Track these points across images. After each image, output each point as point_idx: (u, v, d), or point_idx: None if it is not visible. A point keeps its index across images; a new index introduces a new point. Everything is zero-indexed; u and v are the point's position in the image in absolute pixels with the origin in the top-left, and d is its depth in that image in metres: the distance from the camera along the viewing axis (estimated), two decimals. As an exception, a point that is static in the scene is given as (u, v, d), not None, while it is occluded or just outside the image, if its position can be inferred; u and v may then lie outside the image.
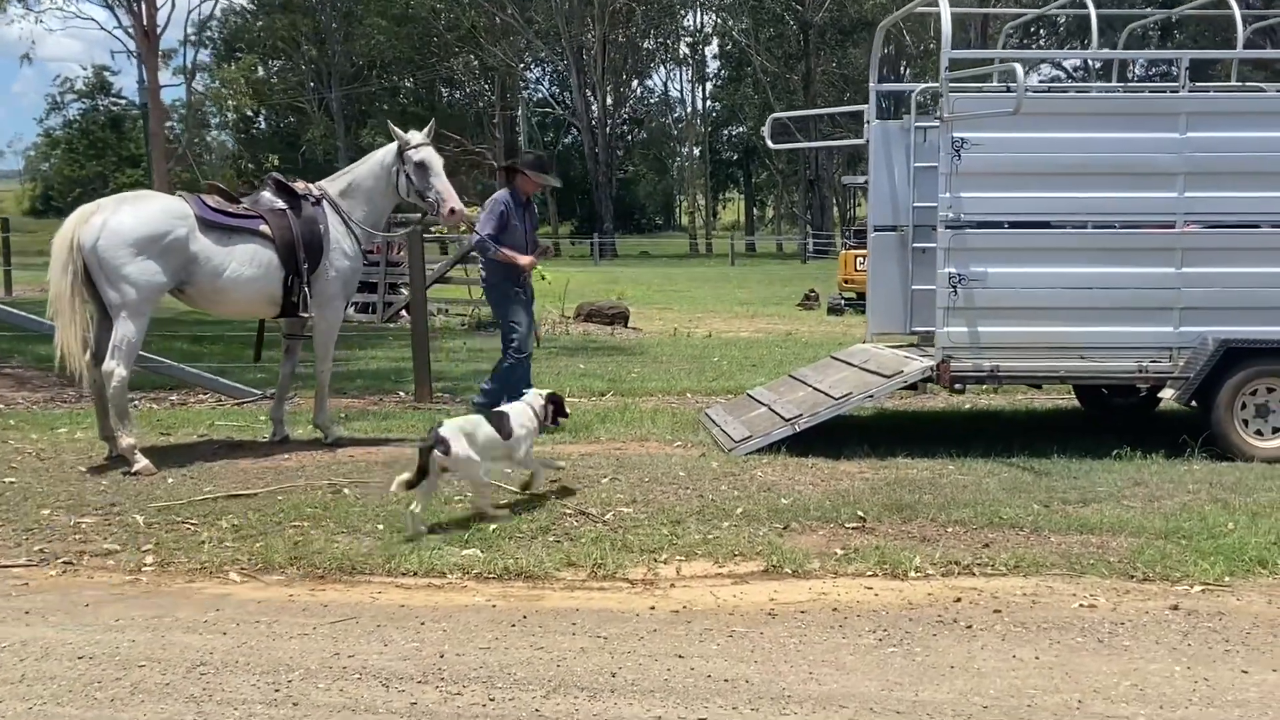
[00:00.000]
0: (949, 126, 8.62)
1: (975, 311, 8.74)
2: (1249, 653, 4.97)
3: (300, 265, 8.69)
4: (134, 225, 8.16)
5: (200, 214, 8.44)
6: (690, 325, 21.20)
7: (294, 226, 8.72)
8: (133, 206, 8.32)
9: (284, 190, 8.90)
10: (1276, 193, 8.78)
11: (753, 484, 7.74)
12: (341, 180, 9.23)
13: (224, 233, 8.51)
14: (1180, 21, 48.12)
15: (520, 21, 61.73)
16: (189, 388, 11.84)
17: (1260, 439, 8.62)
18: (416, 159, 9.10)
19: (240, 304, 8.77)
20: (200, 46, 64.49)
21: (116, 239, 8.10)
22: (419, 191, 9.10)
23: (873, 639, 5.15)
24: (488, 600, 5.70)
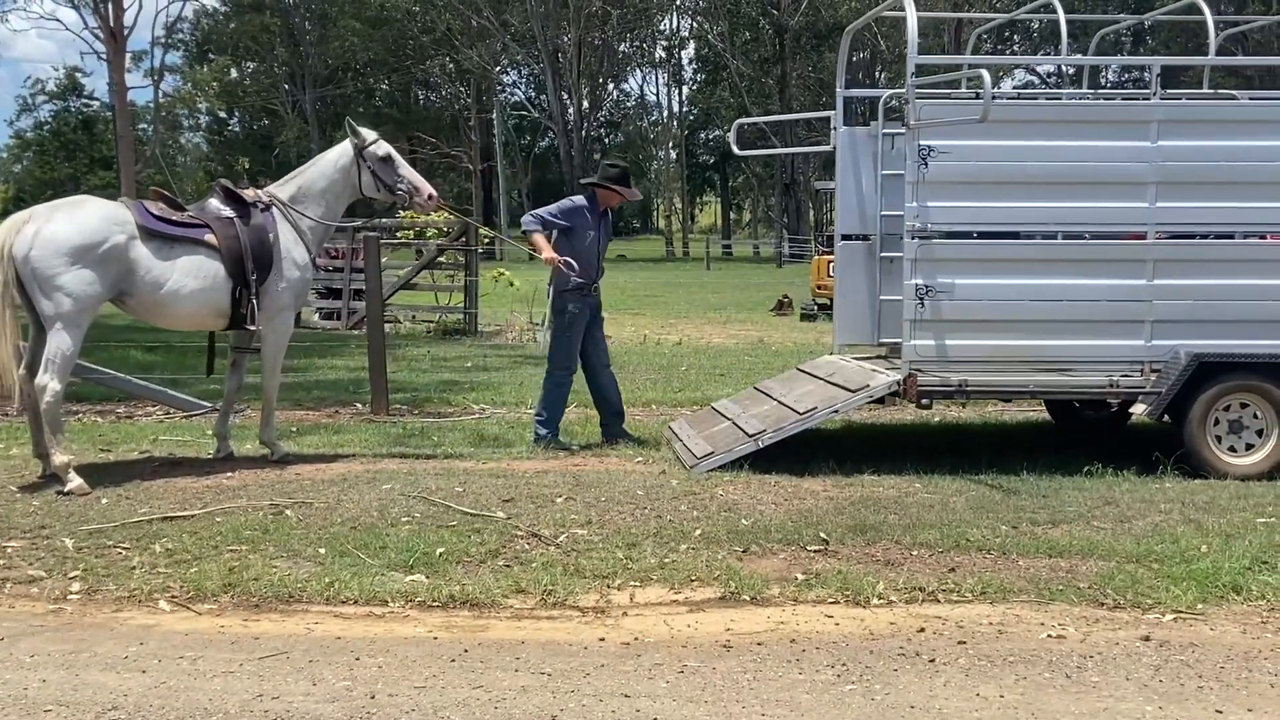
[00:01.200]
0: (915, 134, 8.39)
1: (943, 324, 8.51)
2: (1223, 689, 4.74)
3: (249, 276, 8.36)
4: (68, 234, 7.83)
5: (141, 221, 8.11)
6: (662, 332, 20.97)
7: (241, 236, 8.38)
8: (67, 214, 7.99)
9: (232, 198, 8.58)
10: (1250, 203, 8.59)
11: (713, 503, 7.49)
12: (291, 185, 8.88)
13: (166, 242, 8.18)
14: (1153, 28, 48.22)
15: (496, 24, 61.44)
16: (136, 400, 11.51)
17: (1234, 455, 8.42)
18: (381, 154, 8.89)
19: (184, 316, 8.45)
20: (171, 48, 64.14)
21: (50, 248, 7.77)
22: (388, 186, 8.89)
23: (831, 674, 4.91)
24: (429, 631, 5.44)
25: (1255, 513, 7.25)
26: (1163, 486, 8.03)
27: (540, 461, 8.82)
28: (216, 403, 10.96)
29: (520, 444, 9.51)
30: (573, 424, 10.20)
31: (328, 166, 8.94)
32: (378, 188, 8.91)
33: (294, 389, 12.49)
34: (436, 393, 12.51)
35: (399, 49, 64.59)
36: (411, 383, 13.12)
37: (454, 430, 10.27)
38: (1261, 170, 8.54)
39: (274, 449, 8.87)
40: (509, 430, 10.17)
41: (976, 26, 21.77)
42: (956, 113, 8.62)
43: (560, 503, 7.43)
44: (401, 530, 6.80)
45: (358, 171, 8.87)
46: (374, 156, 8.87)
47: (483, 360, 15.54)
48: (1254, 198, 8.58)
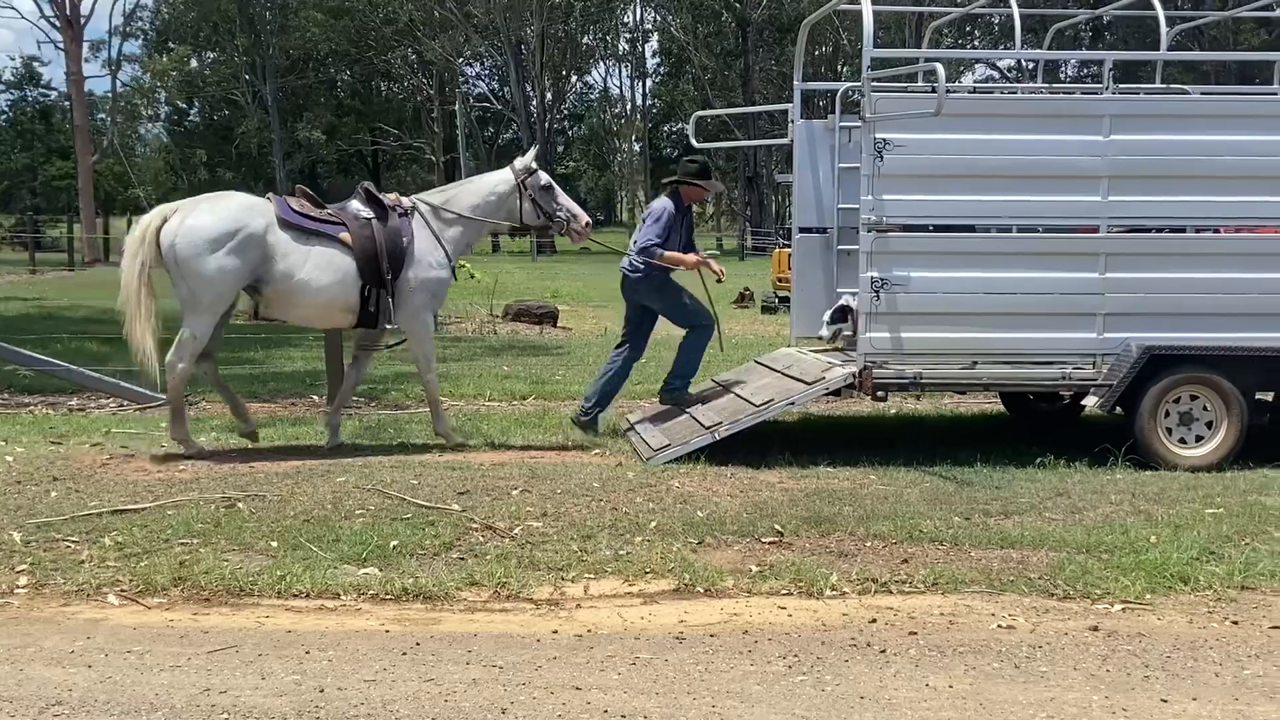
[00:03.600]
0: (871, 127, 8.41)
1: (898, 317, 8.55)
2: (1169, 679, 4.79)
3: (382, 275, 8.63)
4: (211, 222, 8.29)
5: (281, 214, 8.51)
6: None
7: (377, 236, 8.66)
8: (210, 205, 8.48)
9: (372, 200, 8.88)
10: (1201, 196, 8.66)
11: (669, 495, 7.49)
12: (442, 195, 9.28)
13: (303, 235, 8.54)
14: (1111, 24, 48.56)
15: (458, 16, 61.09)
16: (89, 392, 11.40)
17: (1184, 447, 8.50)
18: (542, 183, 9.23)
19: (314, 310, 8.78)
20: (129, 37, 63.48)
21: (193, 236, 8.25)
22: (547, 214, 9.23)
23: (783, 665, 4.92)
24: (381, 624, 5.42)
25: (1204, 504, 7.33)
26: (1114, 478, 8.11)
27: (496, 454, 8.80)
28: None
29: (477, 436, 9.47)
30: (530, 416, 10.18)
31: (485, 186, 9.24)
32: (537, 215, 9.22)
33: (249, 380, 12.40)
34: (394, 385, 12.46)
35: (361, 40, 64.17)
36: (369, 375, 12.99)
37: (411, 423, 10.23)
38: (1213, 165, 8.61)
39: (449, 438, 9.13)
40: (466, 422, 10.13)
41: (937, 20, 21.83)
42: (912, 106, 8.64)
43: (516, 495, 7.41)
44: (355, 523, 6.76)
45: (519, 199, 9.17)
46: (536, 185, 9.18)
47: (441, 353, 15.47)
48: (1205, 192, 8.65)
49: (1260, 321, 8.66)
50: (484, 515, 6.96)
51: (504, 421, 10.09)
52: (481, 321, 19.42)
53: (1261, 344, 8.58)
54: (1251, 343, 8.57)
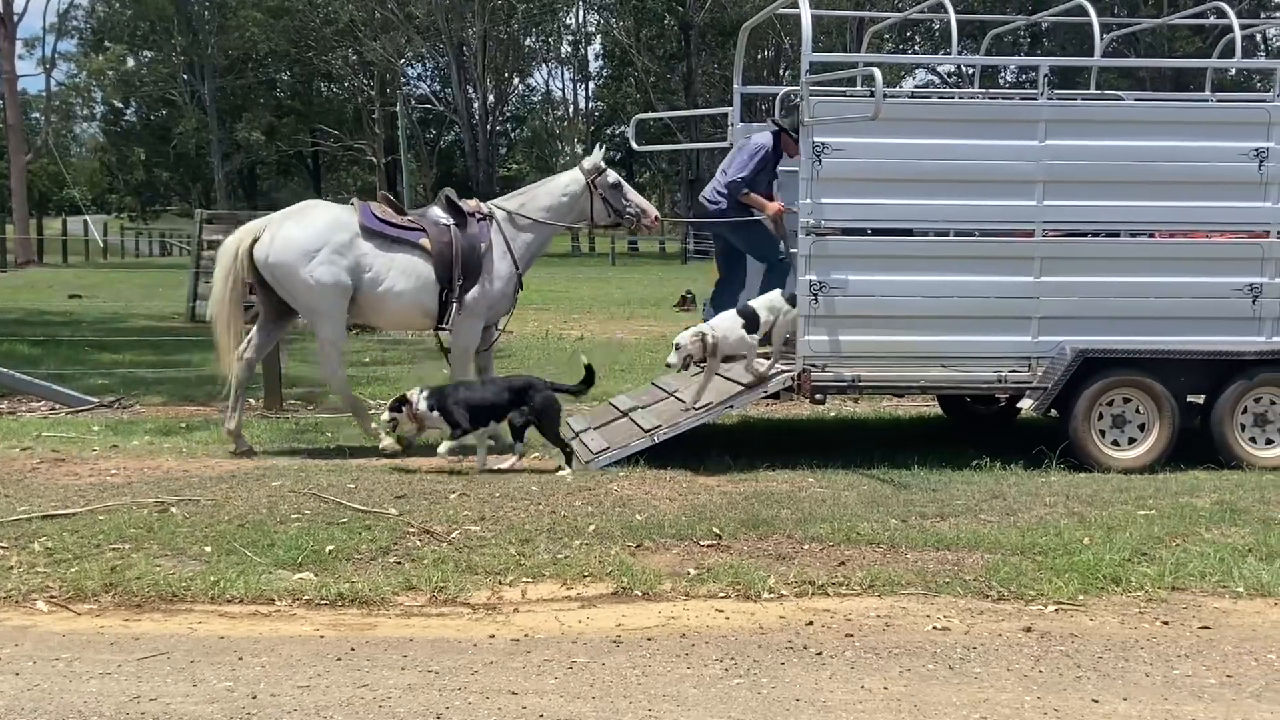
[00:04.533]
0: (810, 131, 8.45)
1: (836, 320, 8.59)
2: (1100, 679, 4.84)
3: (455, 281, 8.84)
4: (301, 236, 8.63)
5: (364, 221, 8.77)
6: (564, 327, 20.88)
7: (455, 243, 8.86)
8: (296, 218, 8.81)
9: (453, 207, 9.08)
10: (1135, 202, 8.78)
11: (608, 499, 7.48)
12: (516, 200, 9.45)
13: (386, 242, 8.80)
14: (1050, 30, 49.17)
15: (400, 16, 60.72)
16: (19, 395, 11.21)
17: (1117, 449, 8.61)
18: (611, 181, 9.39)
19: (398, 315, 9.10)
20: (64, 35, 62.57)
21: (287, 251, 8.59)
22: (617, 211, 9.37)
23: (719, 668, 4.93)
24: (316, 630, 5.37)
25: (1136, 505, 7.42)
26: (1049, 480, 8.19)
27: (435, 458, 8.73)
28: (104, 397, 10.78)
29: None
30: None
31: (556, 189, 9.40)
32: (608, 213, 9.40)
33: (184, 384, 12.27)
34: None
35: (301, 40, 63.61)
36: (307, 377, 12.92)
37: (349, 425, 10.12)
38: (1147, 170, 8.73)
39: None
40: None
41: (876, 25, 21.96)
42: (850, 110, 8.69)
43: (454, 499, 7.38)
44: (291, 527, 6.70)
45: (589, 199, 9.36)
46: (605, 184, 9.36)
47: (380, 355, 15.38)
48: (1139, 197, 8.77)
49: (1192, 325, 8.79)
50: (421, 519, 6.92)
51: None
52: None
53: (1193, 348, 8.71)
54: (1183, 346, 8.69)
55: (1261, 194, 8.76)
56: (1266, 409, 8.73)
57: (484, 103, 64.34)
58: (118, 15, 67.65)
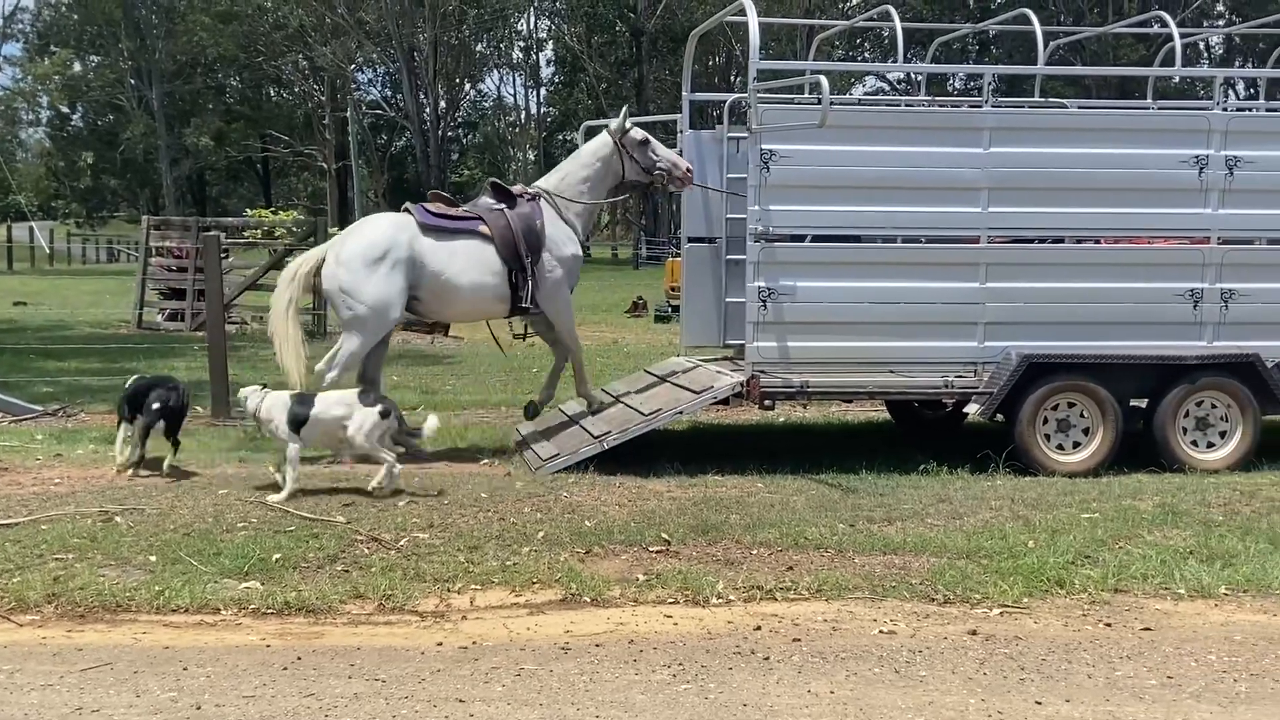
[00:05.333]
0: (757, 138, 8.50)
1: (785, 326, 8.64)
2: (1043, 681, 4.90)
3: (523, 259, 8.98)
4: (362, 251, 8.80)
5: (421, 220, 8.97)
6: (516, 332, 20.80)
7: (512, 224, 9.04)
8: (355, 234, 9.03)
9: (500, 192, 9.26)
10: (1078, 208, 8.88)
11: (557, 505, 7.48)
12: (555, 175, 9.63)
13: (445, 236, 8.98)
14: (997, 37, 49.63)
15: (350, 22, 60.36)
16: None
17: (1062, 453, 8.70)
18: (639, 138, 9.48)
19: (469, 304, 9.21)
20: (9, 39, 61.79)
21: (352, 267, 8.77)
22: (645, 168, 9.46)
23: (667, 674, 4.94)
24: (262, 639, 5.33)
25: (1080, 508, 7.50)
26: (994, 484, 8.27)
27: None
28: (49, 405, 10.67)
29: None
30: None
31: (589, 156, 9.52)
32: (638, 171, 9.47)
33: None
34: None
35: (250, 45, 63.11)
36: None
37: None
38: (1089, 176, 8.84)
39: (591, 400, 9.58)
40: (354, 433, 9.99)
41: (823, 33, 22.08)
42: (797, 118, 8.74)
43: (402, 506, 7.36)
44: (237, 536, 6.66)
45: (620, 159, 9.45)
46: (632, 142, 9.44)
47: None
48: (1083, 203, 8.87)
49: (1135, 330, 8.90)
50: (369, 527, 6.90)
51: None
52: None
53: (1136, 352, 8.82)
54: (1126, 351, 8.80)
55: (1202, 200, 8.90)
56: (1208, 412, 8.84)
57: (435, 108, 64.06)
58: (64, 19, 66.86)
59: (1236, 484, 8.26)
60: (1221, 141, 8.86)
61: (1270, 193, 8.95)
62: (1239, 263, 8.99)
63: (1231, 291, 8.93)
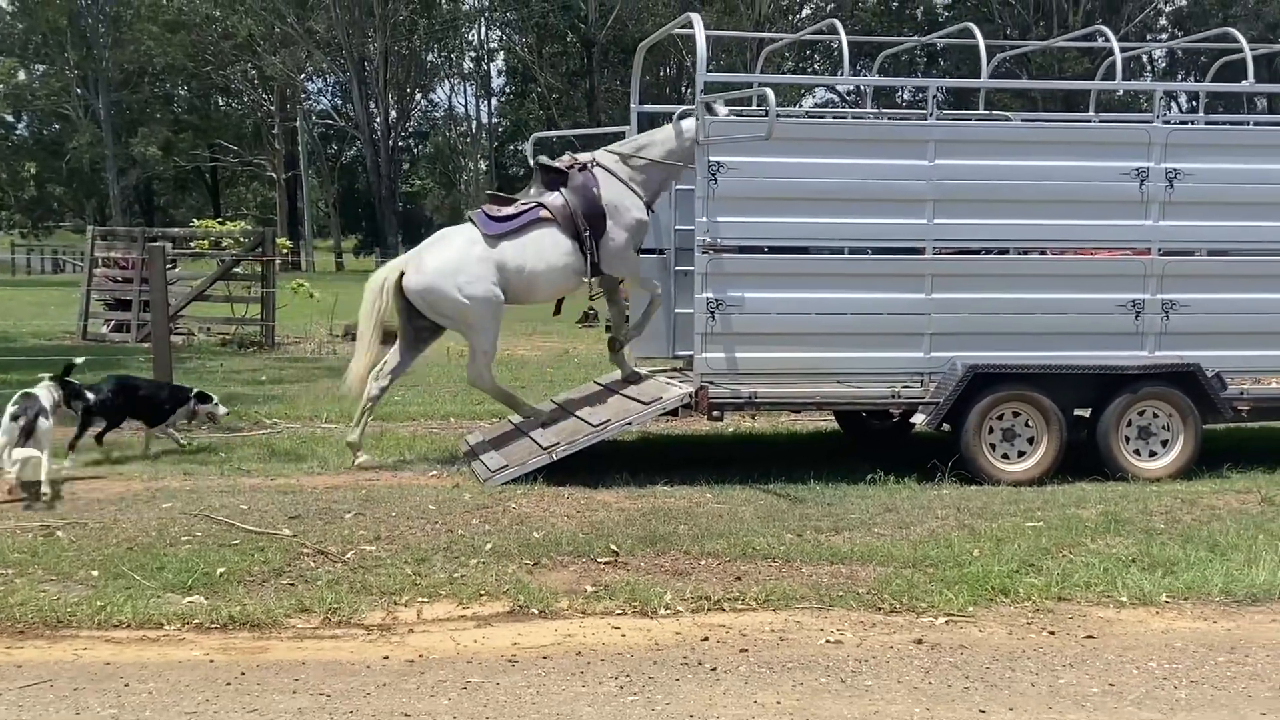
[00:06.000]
0: (705, 150, 8.53)
1: (733, 337, 8.67)
2: (987, 690, 4.94)
3: (582, 232, 9.13)
4: (439, 265, 9.02)
5: (485, 230, 9.12)
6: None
7: (568, 200, 9.17)
8: (431, 253, 9.20)
9: (550, 171, 9.39)
10: (1022, 220, 8.98)
11: (506, 517, 7.47)
12: (630, 144, 9.62)
13: (510, 233, 9.11)
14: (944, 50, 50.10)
15: (300, 31, 60.01)
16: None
17: (1007, 463, 8.77)
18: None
19: (550, 286, 9.37)
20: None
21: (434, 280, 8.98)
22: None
23: (614, 686, 4.95)
24: (206, 654, 5.29)
25: (1025, 517, 7.57)
26: (941, 493, 8.33)
27: (331, 477, 8.67)
28: None
29: (311, 458, 9.31)
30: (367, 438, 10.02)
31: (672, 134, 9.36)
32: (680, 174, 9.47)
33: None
34: (227, 407, 12.14)
35: (198, 54, 62.52)
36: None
37: (244, 446, 10.00)
38: (1033, 189, 8.94)
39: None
40: (301, 445, 9.95)
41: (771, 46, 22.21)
42: (744, 130, 8.79)
43: (349, 519, 7.31)
44: (181, 550, 6.59)
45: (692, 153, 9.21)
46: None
47: (278, 373, 15.19)
48: (1027, 215, 8.97)
49: (1078, 340, 9.01)
50: (316, 540, 6.85)
51: (341, 444, 9.91)
52: (320, 342, 19.07)
53: (1079, 362, 8.92)
54: (1070, 361, 8.90)
55: (1143, 212, 9.02)
56: (1150, 421, 8.95)
57: (386, 118, 63.83)
58: (9, 28, 65.98)
59: (1178, 492, 8.36)
60: (1161, 154, 8.99)
61: (1209, 204, 9.10)
62: (1179, 274, 9.12)
63: (1172, 302, 9.05)
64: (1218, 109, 37.85)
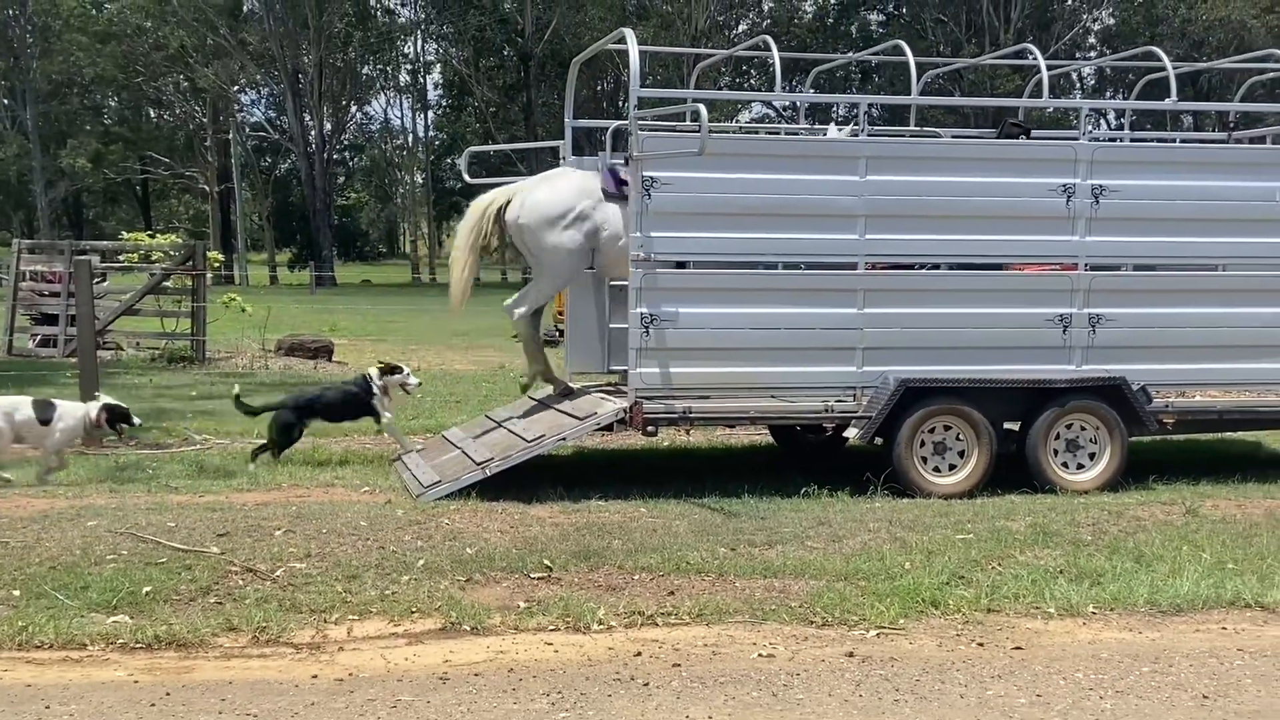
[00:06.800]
0: (639, 165, 8.55)
1: (667, 352, 8.69)
2: (917, 701, 4.97)
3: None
4: (549, 201, 9.16)
5: (605, 188, 9.21)
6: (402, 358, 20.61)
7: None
8: (548, 185, 9.34)
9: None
10: (952, 235, 9.08)
11: (438, 533, 7.42)
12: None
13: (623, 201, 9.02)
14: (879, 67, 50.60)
15: (232, 43, 59.51)
16: None
17: (938, 475, 8.86)
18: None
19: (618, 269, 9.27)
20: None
21: (536, 214, 9.12)
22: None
23: (546, 703, 4.93)
24: (130, 675, 5.20)
25: (955, 530, 7.64)
26: (873, 506, 8.39)
27: (260, 493, 8.55)
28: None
29: (241, 475, 9.20)
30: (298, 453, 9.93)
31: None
32: None
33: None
34: (155, 423, 11.97)
35: (129, 65, 61.77)
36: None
37: (172, 462, 9.86)
38: (963, 204, 9.04)
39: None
40: (231, 461, 9.82)
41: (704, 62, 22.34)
42: (677, 145, 8.82)
43: (279, 535, 7.22)
44: (106, 569, 6.48)
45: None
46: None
47: (209, 388, 14.99)
48: (956, 231, 9.07)
49: (1008, 355, 9.12)
50: (245, 557, 6.76)
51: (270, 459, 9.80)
52: (252, 356, 18.86)
53: (1008, 376, 9.03)
54: (999, 375, 9.01)
55: (1069, 228, 9.16)
56: (1077, 434, 9.08)
57: (321, 131, 63.36)
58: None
59: (1105, 504, 8.48)
60: (1088, 171, 9.13)
61: (1134, 220, 9.25)
62: (1105, 289, 9.27)
63: (1099, 316, 9.19)
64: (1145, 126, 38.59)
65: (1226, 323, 9.45)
